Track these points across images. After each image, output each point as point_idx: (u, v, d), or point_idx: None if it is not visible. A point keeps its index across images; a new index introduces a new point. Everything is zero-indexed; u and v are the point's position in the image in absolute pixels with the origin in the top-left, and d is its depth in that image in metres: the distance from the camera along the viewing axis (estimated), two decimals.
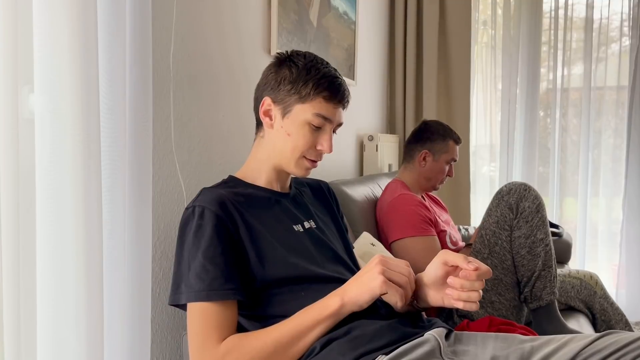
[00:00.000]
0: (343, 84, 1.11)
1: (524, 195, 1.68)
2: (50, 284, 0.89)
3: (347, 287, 0.98)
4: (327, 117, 1.08)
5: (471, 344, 1.01)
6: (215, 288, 0.96)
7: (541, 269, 1.66)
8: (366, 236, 1.73)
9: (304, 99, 1.07)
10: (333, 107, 1.09)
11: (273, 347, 0.93)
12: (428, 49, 3.04)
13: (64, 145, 0.89)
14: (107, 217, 1.03)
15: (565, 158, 3.28)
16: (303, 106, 1.07)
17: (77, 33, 0.89)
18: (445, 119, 3.04)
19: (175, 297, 1.00)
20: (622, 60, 3.15)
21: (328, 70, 1.09)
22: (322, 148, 1.10)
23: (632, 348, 0.90)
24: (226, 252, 0.98)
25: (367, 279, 0.96)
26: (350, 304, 0.96)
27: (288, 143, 1.09)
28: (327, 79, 1.07)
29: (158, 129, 1.29)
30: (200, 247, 0.98)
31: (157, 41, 1.28)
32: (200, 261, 0.97)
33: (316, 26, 2.13)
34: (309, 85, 1.06)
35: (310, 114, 1.07)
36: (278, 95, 1.09)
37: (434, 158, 1.99)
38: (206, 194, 1.06)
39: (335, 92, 1.08)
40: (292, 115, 1.08)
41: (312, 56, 1.11)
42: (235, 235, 1.01)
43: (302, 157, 1.11)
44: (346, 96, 1.12)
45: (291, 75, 1.08)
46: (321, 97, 1.07)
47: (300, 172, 1.13)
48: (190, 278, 0.97)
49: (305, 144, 1.09)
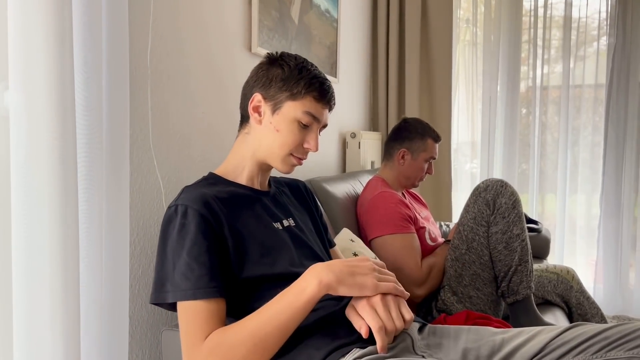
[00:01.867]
0: (331, 87, 1.16)
1: (501, 191, 1.70)
2: (26, 282, 0.89)
3: (332, 267, 0.93)
4: (316, 116, 1.12)
5: (444, 337, 1.03)
6: (201, 286, 0.96)
7: (518, 264, 1.69)
8: (346, 232, 1.75)
9: (295, 96, 1.10)
10: (321, 107, 1.13)
11: (252, 341, 0.92)
12: (410, 46, 3.06)
13: (40, 142, 0.89)
14: (83, 215, 1.03)
15: (545, 155, 3.33)
16: (294, 103, 1.10)
17: (52, 29, 0.89)
18: (427, 117, 3.07)
19: (160, 296, 1.00)
20: (600, 58, 3.20)
21: (318, 72, 1.14)
22: (309, 146, 1.14)
23: (598, 340, 0.93)
24: (210, 251, 0.99)
25: (361, 276, 0.92)
26: (332, 284, 0.91)
27: (277, 139, 1.12)
28: (317, 80, 1.12)
29: (136, 125, 1.29)
30: (184, 246, 0.98)
31: (135, 37, 1.28)
32: (185, 260, 0.97)
33: (297, 23, 2.14)
34: (301, 84, 1.10)
35: (300, 111, 1.10)
36: (269, 91, 1.12)
37: (412, 157, 2.01)
38: (189, 192, 1.07)
39: (324, 93, 1.13)
40: (282, 112, 1.11)
41: (302, 58, 1.16)
42: (218, 233, 1.02)
43: (290, 154, 1.14)
44: (333, 98, 1.17)
45: (283, 74, 1.11)
46: (311, 96, 1.11)
47: (285, 168, 1.16)
48: (175, 277, 0.98)
49: (294, 141, 1.12)
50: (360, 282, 0.92)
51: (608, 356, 0.90)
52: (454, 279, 1.75)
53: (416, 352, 0.96)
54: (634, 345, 0.90)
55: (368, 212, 1.93)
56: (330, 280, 0.91)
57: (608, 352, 0.91)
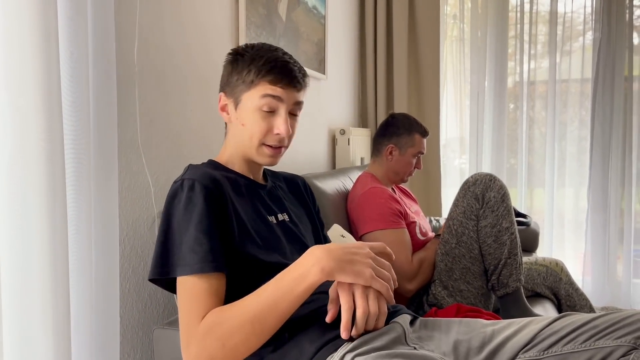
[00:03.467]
0: (290, 65, 1.09)
1: (489, 185, 1.71)
2: (15, 283, 0.88)
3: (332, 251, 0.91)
4: (275, 95, 1.07)
5: (436, 329, 1.04)
6: (209, 260, 0.94)
7: (507, 257, 1.70)
8: (336, 228, 1.75)
9: (249, 86, 1.08)
10: (281, 89, 1.07)
11: (251, 324, 0.91)
12: (398, 42, 3.07)
13: (27, 141, 0.89)
14: (72, 214, 1.02)
15: (533, 149, 3.35)
16: (249, 93, 1.08)
17: (37, 27, 0.88)
18: (415, 113, 3.08)
19: (163, 270, 0.97)
20: (585, 53, 3.23)
21: (273, 54, 1.08)
22: (279, 131, 1.08)
23: (586, 329, 0.94)
24: (218, 226, 0.98)
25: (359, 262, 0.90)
26: (334, 272, 0.90)
27: (245, 133, 1.10)
28: (270, 63, 1.06)
29: (124, 124, 1.28)
30: (191, 220, 0.96)
31: (121, 36, 1.27)
32: (192, 234, 0.95)
33: (285, 20, 2.13)
34: (252, 72, 1.07)
35: (257, 98, 1.07)
36: (229, 88, 1.12)
37: (400, 152, 2.02)
38: (194, 169, 1.06)
39: (280, 74, 1.07)
40: (242, 105, 1.09)
41: (261, 45, 1.11)
42: (225, 209, 1.01)
43: (262, 144, 1.10)
44: (296, 75, 1.09)
45: (237, 67, 1.09)
46: (266, 80, 1.06)
47: (264, 160, 1.13)
48: (183, 251, 0.95)
49: (260, 130, 1.08)
50: (358, 270, 0.90)
51: (597, 345, 0.91)
52: (444, 273, 1.76)
53: (407, 344, 0.97)
54: (622, 334, 0.91)
55: (358, 207, 1.93)
56: (332, 267, 0.89)
57: (596, 340, 0.92)
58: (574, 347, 0.93)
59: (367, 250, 0.94)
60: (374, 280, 0.91)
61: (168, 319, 1.35)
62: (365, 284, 0.90)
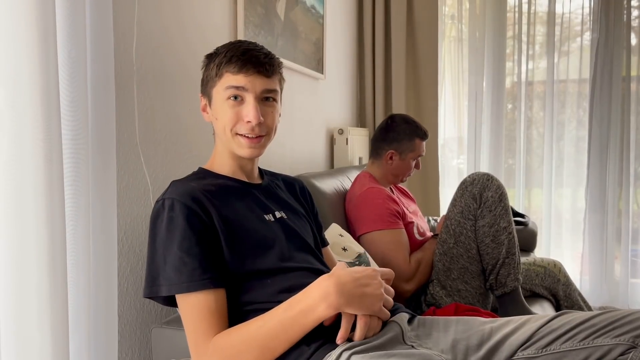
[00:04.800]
0: (253, 52, 1.07)
1: (487, 185, 1.72)
2: (13, 282, 0.88)
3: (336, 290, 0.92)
4: (238, 86, 1.06)
5: (434, 328, 1.04)
6: (195, 279, 0.96)
7: (505, 257, 1.71)
8: (335, 227, 1.75)
9: (214, 80, 1.09)
10: (244, 76, 1.06)
11: (260, 351, 0.94)
12: (396, 42, 3.07)
13: (25, 139, 0.88)
14: (70, 213, 1.02)
15: (531, 150, 3.36)
16: (216, 88, 1.09)
17: (36, 25, 0.88)
18: (414, 113, 3.08)
19: (152, 290, 0.99)
20: (583, 53, 3.24)
21: (236, 46, 1.08)
22: (248, 118, 1.06)
23: (585, 327, 0.94)
24: (201, 243, 0.99)
25: (370, 296, 0.94)
26: (342, 306, 0.92)
27: (219, 126, 1.10)
28: (231, 53, 1.06)
29: (122, 122, 1.28)
30: (174, 240, 0.98)
31: (119, 34, 1.27)
32: (177, 254, 0.97)
33: (283, 20, 2.13)
34: (215, 66, 1.08)
35: (222, 90, 1.07)
36: (203, 88, 1.14)
37: (400, 157, 2.02)
38: (175, 186, 1.06)
39: (242, 62, 1.06)
40: (214, 100, 1.11)
41: (232, 42, 1.12)
42: (209, 224, 1.01)
43: (236, 134, 1.09)
44: (261, 61, 1.07)
45: (207, 67, 1.11)
46: (228, 72, 1.06)
47: (243, 151, 1.11)
48: (167, 271, 0.97)
49: (230, 120, 1.07)
50: (368, 304, 0.94)
51: (595, 343, 0.92)
52: (442, 272, 1.76)
53: (405, 343, 0.97)
54: (621, 332, 0.91)
55: (356, 208, 1.93)
56: (340, 304, 0.92)
57: (595, 339, 0.92)
58: (572, 345, 0.93)
59: (378, 281, 0.97)
60: (381, 312, 0.96)
61: (166, 318, 1.34)
62: (373, 314, 0.95)
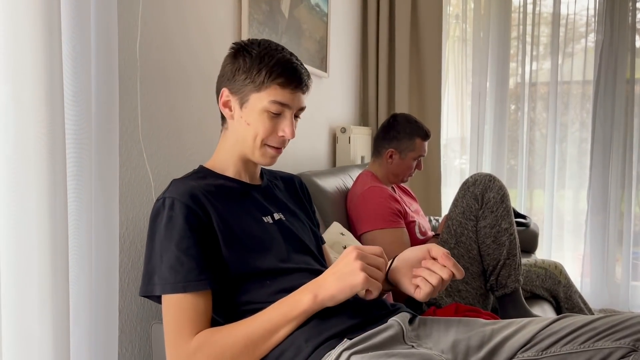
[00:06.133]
0: (299, 68, 1.08)
1: (489, 186, 1.71)
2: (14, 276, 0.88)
3: (323, 283, 0.95)
4: (284, 103, 1.07)
5: (434, 328, 1.04)
6: (191, 279, 0.96)
7: (506, 258, 1.70)
8: (336, 226, 1.75)
9: (258, 87, 1.06)
10: (290, 93, 1.07)
11: (243, 343, 0.94)
12: (400, 41, 3.06)
13: (28, 134, 0.88)
14: (72, 208, 1.02)
15: (533, 151, 3.35)
16: (259, 95, 1.06)
17: (40, 20, 0.88)
18: (416, 112, 3.08)
19: (147, 288, 0.99)
20: (587, 55, 3.23)
21: (282, 55, 1.07)
22: (284, 134, 1.09)
23: (586, 330, 0.94)
24: (200, 243, 0.99)
25: (348, 275, 0.92)
26: (327, 300, 0.94)
27: (249, 132, 1.09)
28: (280, 65, 1.06)
29: (125, 118, 1.28)
30: (172, 239, 0.98)
31: (123, 30, 1.26)
32: (174, 253, 0.97)
33: (288, 17, 2.13)
34: (262, 73, 1.05)
35: (267, 101, 1.06)
36: (234, 85, 1.09)
37: (400, 156, 2.02)
38: (176, 185, 1.06)
39: (290, 78, 1.06)
40: (249, 105, 1.08)
41: (266, 43, 1.09)
42: (208, 225, 1.01)
43: (265, 145, 1.10)
44: (304, 80, 1.09)
45: (245, 65, 1.07)
46: (276, 84, 1.06)
47: (265, 160, 1.12)
48: (163, 270, 0.97)
49: (265, 131, 1.08)
50: (350, 283, 0.92)
51: (596, 346, 0.92)
52: None
53: (406, 342, 0.97)
54: (622, 336, 0.91)
55: (358, 206, 1.93)
56: (324, 297, 0.94)
57: (596, 342, 0.92)
58: (573, 348, 0.93)
59: (351, 255, 0.93)
60: (369, 282, 0.92)
61: None
62: (364, 287, 0.93)
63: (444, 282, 0.95)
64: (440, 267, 0.95)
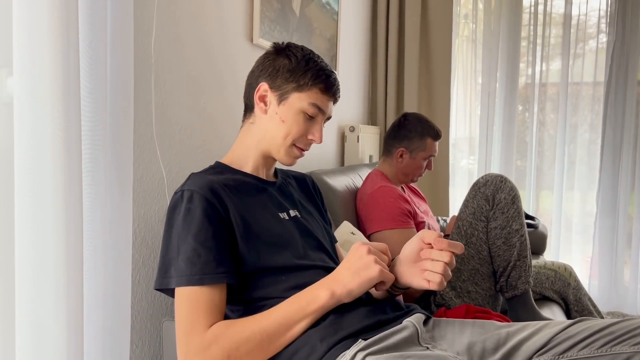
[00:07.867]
0: (337, 80, 1.16)
1: (500, 186, 1.70)
2: (29, 270, 0.88)
3: (340, 278, 0.97)
4: (321, 107, 1.12)
5: (449, 330, 1.04)
6: (208, 272, 0.95)
7: (516, 259, 1.69)
8: (346, 225, 1.75)
9: (301, 87, 1.10)
10: (327, 99, 1.13)
11: (259, 337, 0.93)
12: (410, 41, 3.05)
13: (44, 129, 0.88)
14: (87, 203, 1.02)
15: (542, 152, 3.33)
16: (300, 95, 1.10)
17: (57, 15, 0.88)
18: (425, 112, 3.07)
19: (163, 281, 0.99)
20: (598, 56, 3.21)
21: (325, 64, 1.14)
22: (314, 138, 1.14)
23: (603, 335, 0.93)
24: (217, 236, 0.98)
25: (363, 269, 0.96)
26: (345, 296, 0.96)
27: (281, 129, 1.12)
28: (324, 72, 1.12)
29: (139, 114, 1.28)
30: (190, 231, 0.97)
31: (139, 26, 1.26)
32: (191, 245, 0.96)
33: (299, 15, 2.13)
34: (308, 76, 1.10)
35: (307, 102, 1.10)
36: (275, 82, 1.12)
37: (411, 155, 2.01)
38: (195, 178, 1.06)
39: (330, 86, 1.13)
40: (288, 103, 1.11)
41: (309, 50, 1.16)
42: (225, 218, 1.01)
43: (293, 145, 1.13)
44: (339, 91, 1.17)
45: (290, 64, 1.11)
46: (318, 88, 1.11)
47: (288, 160, 1.15)
48: (180, 262, 0.96)
49: (298, 132, 1.12)
50: (367, 277, 0.96)
51: (613, 351, 0.91)
52: (452, 273, 1.75)
53: (420, 344, 0.96)
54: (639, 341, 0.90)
55: (367, 206, 1.92)
56: (342, 293, 0.96)
57: (613, 346, 0.91)
58: (590, 352, 0.92)
59: (361, 250, 0.98)
60: (383, 272, 0.97)
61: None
62: (380, 279, 0.97)
63: (449, 263, 0.96)
64: (439, 253, 0.96)
